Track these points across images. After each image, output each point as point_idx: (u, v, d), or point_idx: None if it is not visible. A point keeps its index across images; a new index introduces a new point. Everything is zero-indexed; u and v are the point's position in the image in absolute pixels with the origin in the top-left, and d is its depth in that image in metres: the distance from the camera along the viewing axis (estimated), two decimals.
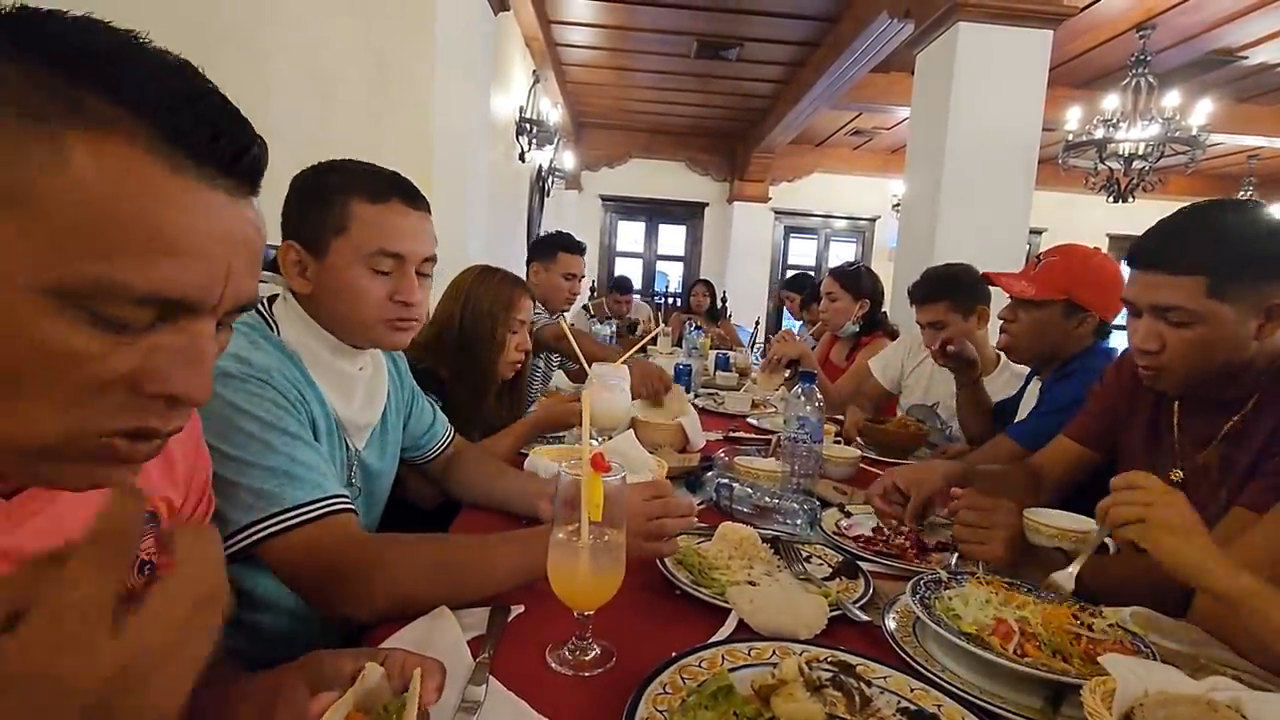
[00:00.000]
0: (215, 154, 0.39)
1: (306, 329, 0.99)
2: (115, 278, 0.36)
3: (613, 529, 0.73)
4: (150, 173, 0.37)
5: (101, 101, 0.36)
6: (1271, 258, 1.00)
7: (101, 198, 0.35)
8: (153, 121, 0.37)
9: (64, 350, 0.36)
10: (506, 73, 4.52)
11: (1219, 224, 1.03)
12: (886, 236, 8.26)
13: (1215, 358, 1.02)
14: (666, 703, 0.64)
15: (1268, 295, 0.99)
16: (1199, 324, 1.00)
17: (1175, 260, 1.02)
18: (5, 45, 0.35)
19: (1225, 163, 7.03)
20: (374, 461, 1.11)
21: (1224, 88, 5.11)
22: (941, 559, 1.07)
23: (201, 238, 0.39)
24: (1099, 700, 0.59)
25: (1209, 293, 0.99)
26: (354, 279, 0.96)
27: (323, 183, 0.98)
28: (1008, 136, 3.13)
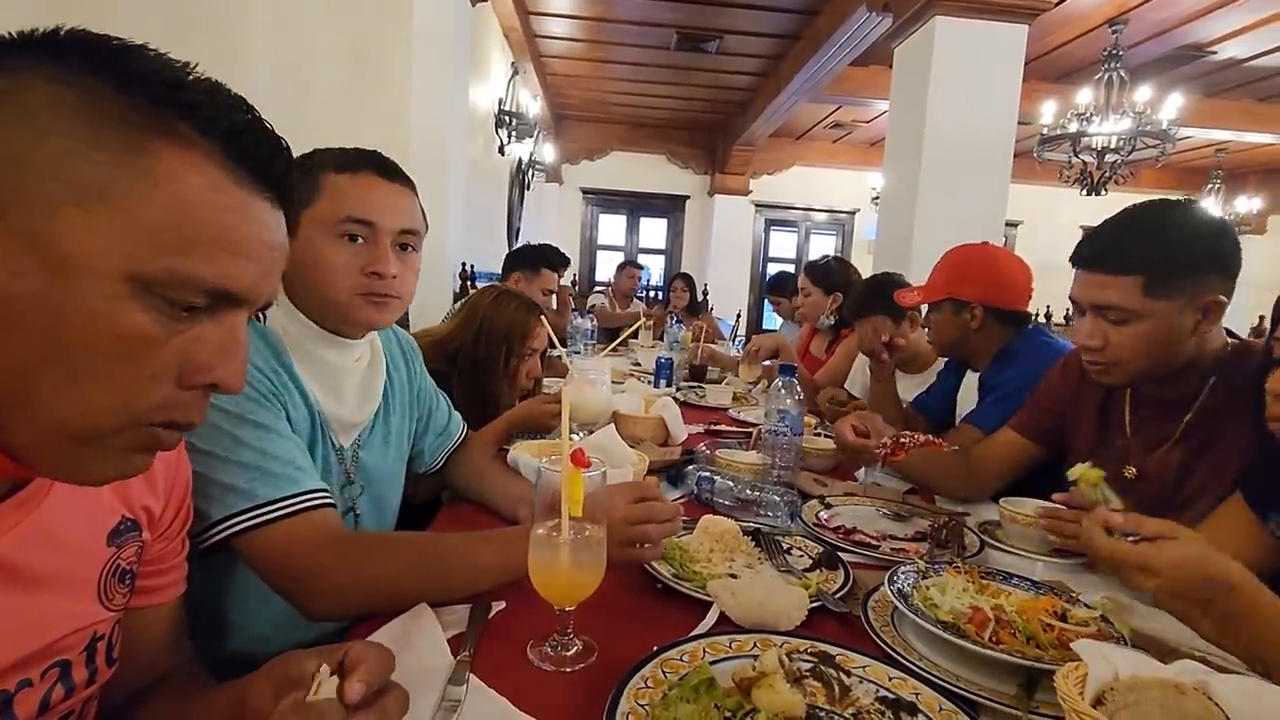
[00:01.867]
0: (270, 172, 0.46)
1: (291, 316, 0.96)
2: (191, 270, 0.41)
3: (593, 524, 0.73)
4: (222, 183, 0.43)
5: (187, 125, 0.42)
6: (1204, 256, 1.04)
7: (182, 200, 0.41)
8: (225, 144, 0.43)
9: (135, 334, 0.41)
10: (485, 65, 4.47)
11: (1155, 225, 1.07)
12: (866, 229, 8.33)
13: (1155, 353, 1.07)
14: (648, 697, 0.64)
15: (1203, 292, 1.03)
16: (1137, 320, 1.05)
17: (1113, 260, 1.06)
18: (111, 72, 0.40)
19: (1194, 156, 7.19)
20: (376, 460, 1.07)
21: (1193, 82, 5.22)
22: (919, 549, 1.09)
23: (257, 242, 0.45)
24: (1071, 685, 0.60)
25: (1146, 291, 1.04)
26: (321, 249, 0.92)
27: (302, 161, 0.93)
28: (984, 130, 3.17)
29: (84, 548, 0.55)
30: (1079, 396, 1.30)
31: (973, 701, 0.68)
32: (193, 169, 0.42)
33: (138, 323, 0.41)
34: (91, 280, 0.39)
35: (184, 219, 0.41)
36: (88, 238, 0.39)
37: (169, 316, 0.42)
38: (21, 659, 0.50)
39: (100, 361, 0.40)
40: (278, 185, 0.48)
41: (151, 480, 0.63)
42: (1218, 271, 1.04)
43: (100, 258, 0.39)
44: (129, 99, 0.40)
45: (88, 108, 0.40)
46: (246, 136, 0.45)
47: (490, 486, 1.19)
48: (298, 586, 0.80)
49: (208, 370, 0.45)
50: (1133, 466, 1.17)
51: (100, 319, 0.40)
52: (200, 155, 0.42)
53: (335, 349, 0.99)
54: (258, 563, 0.80)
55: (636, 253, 8.79)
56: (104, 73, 0.40)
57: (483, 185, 4.65)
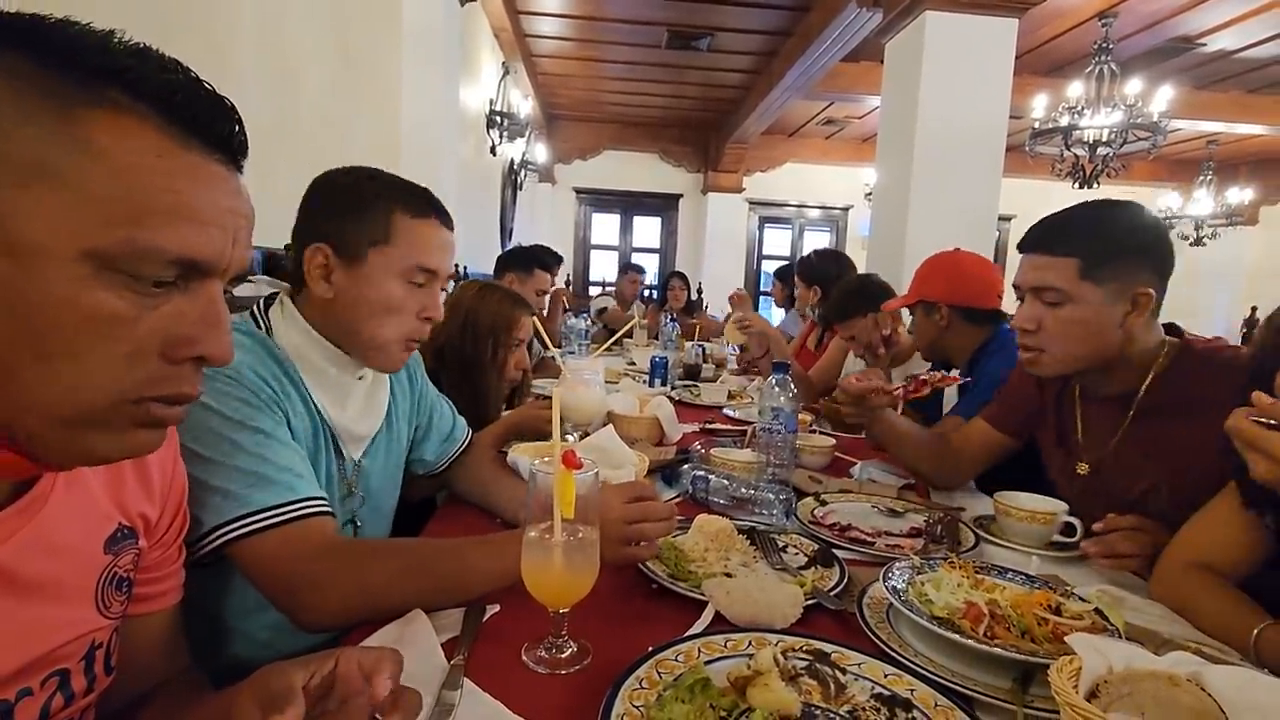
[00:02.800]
0: (214, 132, 0.45)
1: (304, 336, 0.96)
2: (148, 241, 0.40)
3: (586, 525, 0.73)
4: (164, 147, 0.42)
5: (116, 90, 0.40)
6: (1139, 248, 1.10)
7: (125, 169, 0.40)
8: (161, 105, 0.42)
9: (104, 314, 0.40)
10: (475, 65, 4.46)
11: (1094, 215, 1.15)
12: (860, 225, 8.34)
13: (1084, 339, 1.12)
14: (643, 698, 0.64)
15: (1133, 284, 1.09)
16: (1070, 303, 1.11)
17: (1052, 243, 1.13)
18: (31, 47, 0.39)
19: (1185, 148, 7.21)
20: (377, 472, 1.08)
21: (1183, 74, 5.24)
22: (914, 545, 1.09)
23: (213, 206, 0.44)
24: (1065, 679, 0.60)
25: (1081, 274, 1.10)
26: (390, 291, 0.95)
27: (361, 190, 0.96)
28: (976, 124, 3.17)
29: (82, 555, 0.55)
30: (1042, 393, 1.33)
31: (968, 697, 0.68)
32: (130, 136, 0.40)
33: (104, 301, 0.40)
34: (49, 262, 0.39)
35: (130, 188, 0.40)
36: (35, 219, 0.38)
37: (138, 293, 0.41)
38: (21, 667, 0.49)
39: (74, 343, 0.40)
40: (226, 146, 0.46)
41: (148, 486, 0.63)
42: (1150, 265, 1.10)
43: (52, 238, 0.39)
44: (52, 71, 0.39)
45: (8, 86, 0.38)
46: (181, 96, 0.43)
47: (492, 490, 1.19)
48: (291, 595, 0.79)
49: (192, 343, 0.44)
50: (1084, 463, 1.22)
51: (65, 301, 0.39)
52: (135, 121, 0.41)
53: (344, 367, 0.99)
54: (251, 571, 0.80)
55: (630, 252, 8.78)
56: (22, 48, 0.39)
57: (475, 186, 4.63)
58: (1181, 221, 7.07)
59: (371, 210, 0.95)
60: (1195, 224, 7.03)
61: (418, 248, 0.97)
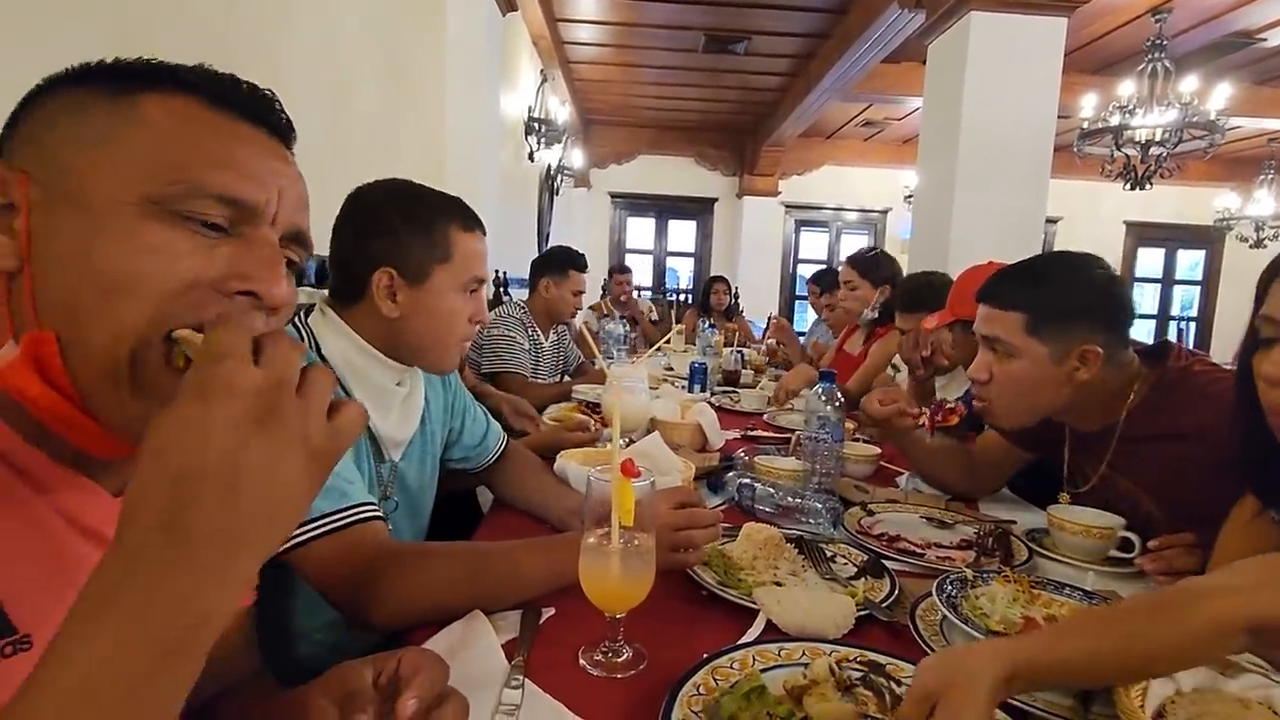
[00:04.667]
0: (253, 105, 0.50)
1: (351, 344, 1.01)
2: (194, 178, 0.45)
3: (643, 533, 0.74)
4: (206, 114, 0.48)
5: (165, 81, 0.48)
6: (1083, 309, 1.12)
7: (171, 130, 0.46)
8: (202, 90, 0.48)
9: (159, 246, 0.44)
10: (514, 73, 4.53)
11: (1046, 271, 1.18)
12: (898, 228, 8.21)
13: (1029, 394, 1.15)
14: (700, 704, 0.65)
15: (1079, 342, 1.10)
16: (1018, 357, 1.13)
17: (1003, 296, 1.16)
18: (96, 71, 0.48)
19: (1244, 147, 6.92)
20: (413, 474, 1.12)
21: (1243, 70, 5.03)
22: (965, 557, 1.08)
23: (254, 160, 0.49)
24: (1132, 699, 0.59)
25: (1027, 328, 1.12)
26: (452, 304, 1.04)
27: (419, 211, 1.03)
28: (1022, 126, 3.10)
29: None
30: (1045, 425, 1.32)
31: (1026, 713, 0.68)
32: (175, 108, 0.47)
33: (159, 234, 0.44)
34: (115, 210, 0.44)
35: (176, 143, 0.46)
36: (102, 178, 0.44)
37: (193, 232, 0.45)
38: None
39: (135, 276, 0.44)
40: (269, 123, 0.51)
41: None
42: (1097, 323, 1.12)
43: (116, 191, 0.44)
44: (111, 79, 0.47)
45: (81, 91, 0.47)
46: (224, 83, 0.49)
47: (535, 497, 1.21)
48: (349, 598, 0.82)
49: (245, 278, 0.47)
50: (1067, 494, 1.23)
51: (128, 237, 0.44)
52: (180, 100, 0.47)
53: (390, 374, 1.04)
54: (310, 576, 0.83)
55: (665, 256, 8.79)
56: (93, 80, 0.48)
57: (513, 193, 4.71)
58: (1240, 223, 6.79)
59: (433, 231, 1.01)
60: (1255, 225, 6.74)
61: (472, 261, 1.05)
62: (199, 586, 0.35)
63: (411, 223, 1.01)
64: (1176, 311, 8.66)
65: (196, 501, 0.35)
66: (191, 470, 0.35)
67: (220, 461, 0.35)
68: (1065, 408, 1.16)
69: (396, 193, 1.05)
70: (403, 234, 1.01)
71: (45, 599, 0.46)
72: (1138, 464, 1.14)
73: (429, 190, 1.08)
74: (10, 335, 0.44)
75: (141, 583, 0.34)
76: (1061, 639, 0.59)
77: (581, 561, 0.74)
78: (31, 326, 0.44)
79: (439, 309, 1.02)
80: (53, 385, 0.44)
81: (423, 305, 1.01)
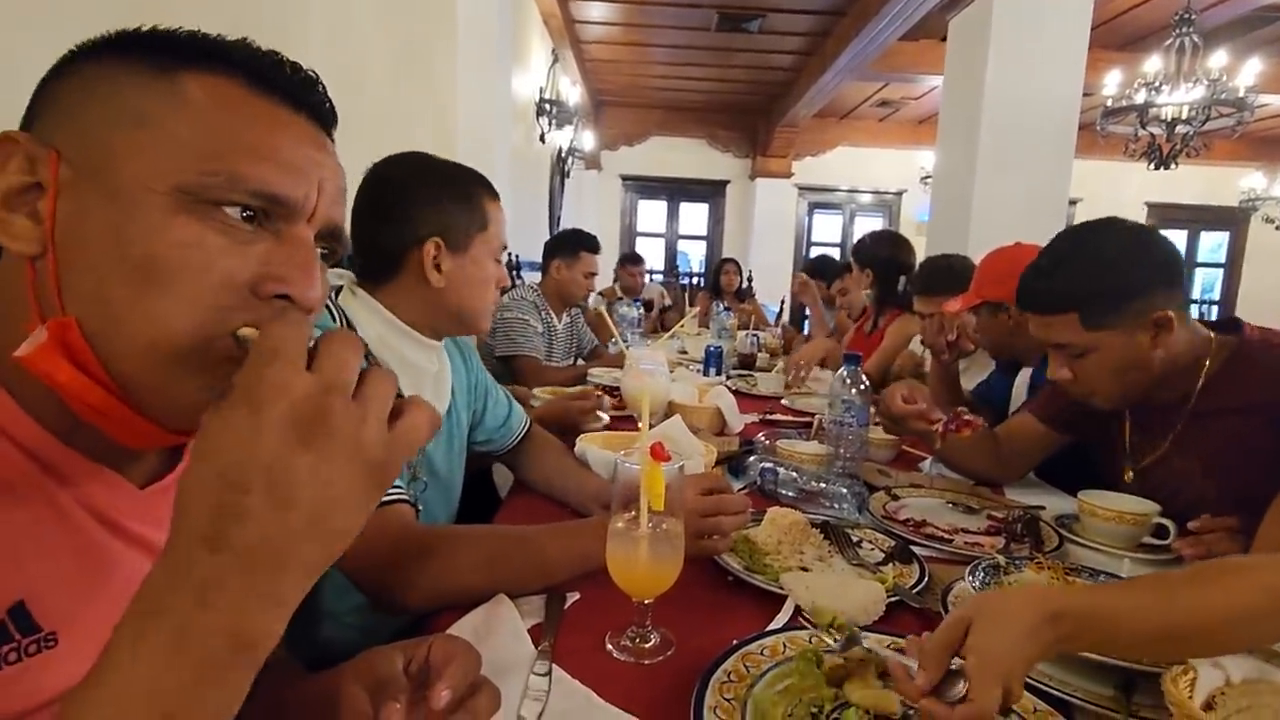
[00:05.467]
0: (294, 87, 0.47)
1: (386, 324, 1.01)
2: (229, 169, 0.43)
3: (671, 518, 0.73)
4: (247, 98, 0.45)
5: (207, 58, 0.45)
6: (1134, 282, 1.05)
7: (209, 112, 0.43)
8: (244, 68, 0.45)
9: (192, 242, 0.42)
10: (525, 54, 4.48)
11: (1075, 261, 1.09)
12: (914, 210, 8.10)
13: (1123, 377, 1.08)
14: (732, 690, 0.64)
15: (1145, 312, 1.03)
16: (1091, 352, 1.07)
17: (1047, 302, 1.10)
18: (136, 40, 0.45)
19: (1273, 124, 6.75)
20: (441, 457, 1.12)
21: (1272, 46, 4.89)
22: (994, 543, 1.06)
23: (293, 150, 0.46)
24: (1181, 689, 0.57)
25: (1085, 324, 1.05)
26: (489, 271, 1.08)
27: (460, 181, 1.07)
28: (1046, 103, 3.04)
29: None
30: None
31: (1066, 703, 0.66)
32: (217, 90, 0.44)
33: (192, 229, 0.42)
34: (145, 200, 0.41)
35: (214, 129, 0.43)
36: (136, 160, 0.42)
37: (228, 225, 0.43)
38: None
39: (166, 270, 0.42)
40: (310, 108, 0.48)
41: None
42: (1155, 290, 1.04)
43: (149, 177, 0.42)
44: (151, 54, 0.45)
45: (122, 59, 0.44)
46: (265, 61, 0.46)
47: (557, 481, 1.21)
48: (377, 581, 0.82)
49: (280, 280, 0.45)
50: (1130, 471, 1.18)
51: (157, 229, 0.42)
52: (223, 79, 0.44)
53: (424, 352, 1.06)
54: (341, 559, 0.82)
55: (677, 239, 8.72)
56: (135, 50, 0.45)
57: (524, 174, 4.67)
58: (1266, 204, 6.64)
59: (471, 200, 1.05)
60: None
61: (501, 229, 1.10)
62: (242, 606, 0.33)
63: (454, 193, 1.05)
64: (1197, 295, 8.51)
65: (242, 511, 0.33)
66: (237, 476, 0.33)
67: (268, 470, 0.33)
68: (1160, 377, 1.09)
69: (427, 165, 1.08)
70: (448, 205, 1.04)
71: (71, 596, 0.45)
72: (1204, 440, 1.09)
73: (452, 162, 1.10)
74: (39, 321, 0.42)
75: (187, 599, 0.33)
76: (1111, 593, 0.57)
77: (610, 546, 0.73)
78: (56, 313, 0.42)
79: (478, 276, 1.06)
80: (83, 370, 0.42)
81: (465, 274, 1.05)
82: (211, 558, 0.33)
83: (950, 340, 1.75)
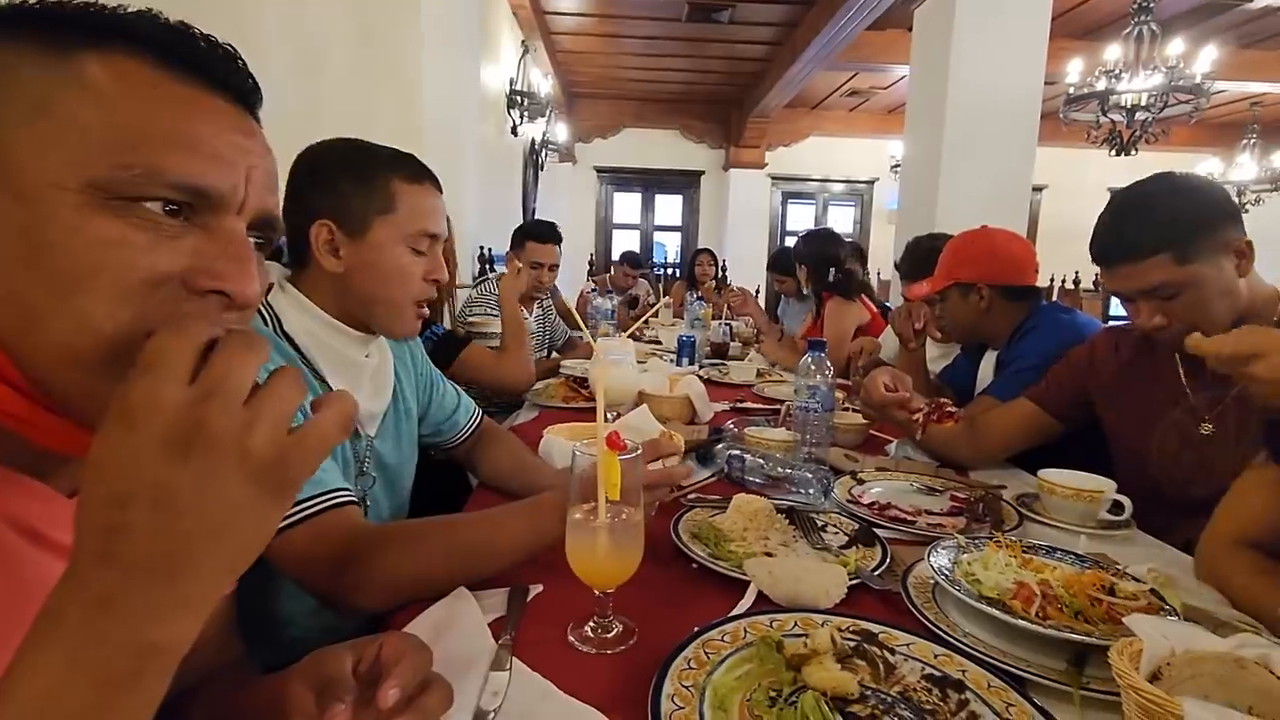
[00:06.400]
0: (211, 65, 0.44)
1: (312, 316, 0.97)
2: (145, 163, 0.40)
3: (630, 507, 0.72)
4: (158, 79, 0.42)
5: (108, 34, 0.41)
6: (1211, 209, 1.09)
7: (117, 98, 0.40)
8: (153, 43, 0.42)
9: (112, 241, 0.39)
10: (495, 44, 4.42)
11: (1153, 204, 1.12)
12: (885, 198, 8.18)
13: (1218, 308, 1.10)
14: (692, 678, 0.64)
15: (1226, 240, 1.08)
16: (1187, 289, 1.09)
17: (1134, 250, 1.11)
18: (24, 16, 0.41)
19: (1228, 111, 6.93)
20: (389, 451, 1.10)
21: (1228, 34, 5.00)
22: (956, 524, 1.07)
23: (215, 137, 0.43)
24: (1127, 661, 0.58)
25: (1178, 261, 1.08)
26: (397, 258, 0.98)
27: (358, 160, 0.98)
28: (1009, 91, 3.07)
29: None
30: (1119, 376, 1.29)
31: (1020, 678, 0.67)
32: (122, 71, 0.41)
33: (111, 227, 0.40)
34: (55, 199, 0.39)
35: (124, 117, 0.40)
36: (40, 155, 0.39)
37: (150, 220, 0.40)
38: None
39: (87, 273, 0.39)
40: (229, 85, 0.45)
41: None
42: (1230, 218, 1.09)
43: (54, 174, 0.39)
44: (43, 27, 0.41)
45: (12, 39, 0.40)
46: (176, 34, 0.43)
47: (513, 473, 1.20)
48: (328, 585, 0.80)
49: (214, 275, 0.43)
50: (1208, 424, 1.17)
51: (73, 231, 0.39)
52: (128, 58, 0.41)
53: (354, 345, 1.01)
54: (287, 565, 0.80)
55: (653, 230, 8.71)
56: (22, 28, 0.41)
57: (496, 167, 4.62)
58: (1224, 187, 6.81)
59: (371, 180, 0.97)
60: (1238, 190, 6.76)
61: (419, 213, 1.00)
62: (141, 616, 0.33)
63: (348, 172, 0.97)
64: None
65: (127, 527, 0.32)
66: (120, 495, 0.32)
67: (146, 486, 0.32)
68: (1245, 309, 1.11)
69: (338, 147, 1.00)
70: (340, 184, 0.96)
71: None
72: None
73: (375, 145, 1.02)
74: None
75: (83, 613, 0.32)
76: None
77: (568, 538, 0.73)
78: None
79: (383, 263, 0.98)
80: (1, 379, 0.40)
81: (365, 259, 0.97)
82: (105, 573, 0.33)
83: (918, 328, 1.77)
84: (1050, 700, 0.64)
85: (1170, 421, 1.22)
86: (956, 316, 1.75)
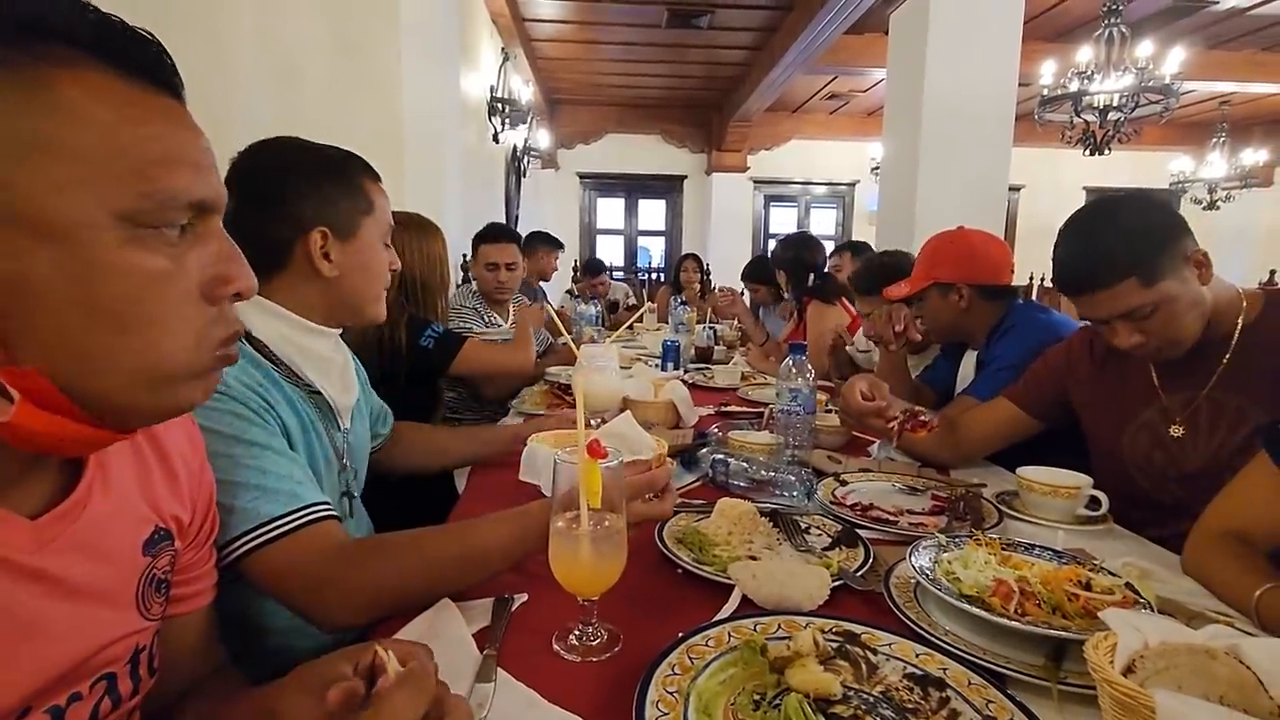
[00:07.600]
0: (162, 72, 0.44)
1: (286, 323, 0.96)
2: (165, 190, 0.40)
3: (612, 514, 0.72)
4: (130, 95, 0.41)
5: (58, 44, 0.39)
6: (1164, 229, 1.12)
7: (109, 125, 0.39)
8: (103, 52, 0.40)
9: (158, 274, 0.41)
10: (474, 52, 4.41)
11: (1106, 232, 1.15)
12: (866, 200, 8.25)
13: (1190, 318, 1.12)
14: (676, 684, 0.64)
15: (1184, 253, 1.11)
16: (1160, 307, 1.11)
17: (1102, 279, 1.13)
18: None
19: (1198, 110, 7.07)
20: (359, 444, 1.13)
21: (1196, 35, 5.12)
22: (938, 523, 1.08)
23: (194, 145, 0.44)
24: (1102, 655, 0.59)
25: (1144, 284, 1.10)
26: (378, 254, 1.04)
27: (338, 165, 1.01)
28: (984, 94, 3.12)
29: (122, 558, 0.55)
30: (1094, 376, 1.32)
31: (1000, 674, 0.68)
32: (96, 90, 0.40)
33: (152, 261, 0.41)
34: (92, 237, 0.39)
35: (124, 143, 0.40)
36: (57, 192, 0.38)
37: (169, 244, 0.42)
38: (70, 671, 0.49)
39: (149, 308, 0.41)
40: (170, 82, 0.45)
41: (176, 490, 0.63)
42: (1183, 231, 1.13)
43: (82, 210, 0.39)
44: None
45: None
46: (122, 41, 0.42)
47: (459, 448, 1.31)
48: (309, 599, 0.79)
49: (225, 281, 0.45)
50: (1179, 425, 1.20)
51: (123, 269, 0.40)
52: (93, 73, 0.40)
53: (324, 341, 1.02)
54: (267, 582, 0.79)
55: (636, 235, 8.73)
56: None
57: (478, 175, 4.61)
58: (1194, 186, 6.95)
59: (352, 183, 1.00)
60: (1209, 188, 6.91)
61: (386, 210, 1.05)
62: None
63: (336, 179, 0.99)
64: None
65: None
66: None
67: None
68: (1211, 314, 1.14)
69: (303, 150, 1.00)
70: (331, 192, 0.98)
71: None
72: (1251, 377, 1.13)
73: (328, 145, 1.03)
74: None
75: None
76: None
77: (551, 546, 0.73)
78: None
79: (371, 262, 1.02)
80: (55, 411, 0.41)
81: (357, 260, 1.00)
82: None
83: (898, 331, 1.78)
84: (1029, 695, 0.65)
85: (1142, 422, 1.24)
86: (937, 316, 1.77)
